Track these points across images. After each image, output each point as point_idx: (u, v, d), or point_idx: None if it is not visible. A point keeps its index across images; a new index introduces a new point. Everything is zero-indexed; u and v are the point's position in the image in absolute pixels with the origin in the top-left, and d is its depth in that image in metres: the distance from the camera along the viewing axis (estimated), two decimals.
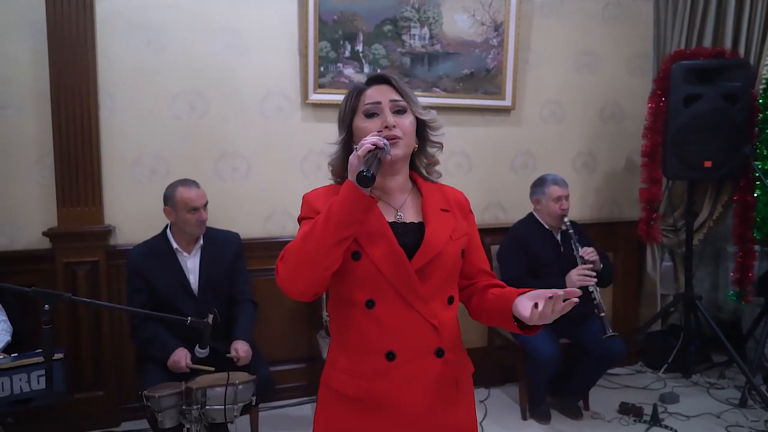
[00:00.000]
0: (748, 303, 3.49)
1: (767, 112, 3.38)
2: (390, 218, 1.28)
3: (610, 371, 3.49)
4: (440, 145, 1.37)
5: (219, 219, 2.87)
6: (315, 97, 3.09)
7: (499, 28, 3.36)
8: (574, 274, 2.71)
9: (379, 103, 1.27)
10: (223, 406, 1.98)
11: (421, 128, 1.33)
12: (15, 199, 2.78)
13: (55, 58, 2.70)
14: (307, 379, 3.19)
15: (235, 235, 2.70)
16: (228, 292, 2.60)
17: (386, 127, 1.23)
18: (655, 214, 3.53)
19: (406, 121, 1.27)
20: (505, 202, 3.56)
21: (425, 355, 1.25)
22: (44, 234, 2.76)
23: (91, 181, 2.80)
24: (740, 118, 3.21)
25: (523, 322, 1.19)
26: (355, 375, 1.25)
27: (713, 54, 3.32)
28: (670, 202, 3.64)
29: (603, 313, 2.69)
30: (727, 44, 3.42)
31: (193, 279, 2.52)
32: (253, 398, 2.11)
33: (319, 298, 2.95)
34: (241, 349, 2.40)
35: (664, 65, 3.36)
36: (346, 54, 3.12)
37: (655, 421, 2.93)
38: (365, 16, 3.12)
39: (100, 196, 2.84)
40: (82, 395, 2.81)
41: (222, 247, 2.59)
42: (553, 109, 3.62)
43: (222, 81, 2.99)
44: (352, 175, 1.12)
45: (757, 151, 3.37)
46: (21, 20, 2.70)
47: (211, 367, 2.23)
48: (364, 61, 3.15)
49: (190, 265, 2.53)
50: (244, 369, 2.31)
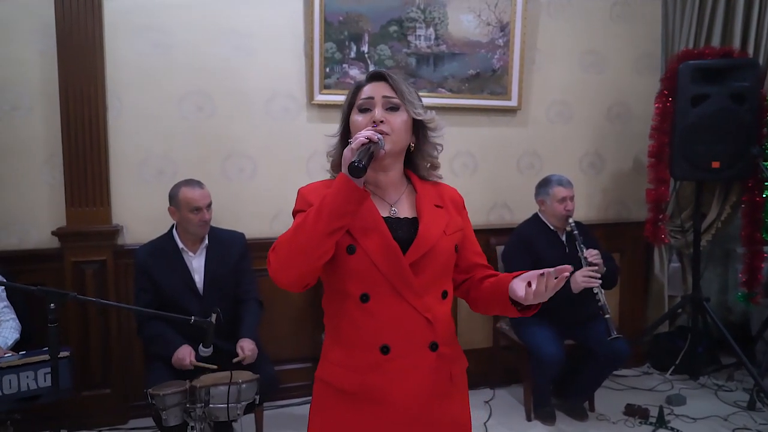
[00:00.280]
0: (757, 304, 3.46)
1: None
2: (384, 213, 1.29)
3: (616, 373, 3.47)
4: (440, 147, 1.38)
5: (225, 219, 2.90)
6: (321, 98, 3.11)
7: (505, 29, 3.36)
8: (578, 276, 2.69)
9: (372, 99, 1.29)
10: (227, 405, 2.00)
11: (419, 128, 1.34)
12: (25, 199, 2.82)
13: (64, 61, 2.74)
14: (311, 379, 3.14)
15: (241, 235, 2.72)
16: (233, 291, 2.62)
17: (374, 122, 1.25)
18: (662, 215, 3.50)
19: (398, 119, 1.28)
20: (511, 203, 3.55)
21: (419, 348, 1.26)
22: (53, 233, 2.80)
23: (99, 182, 2.84)
24: (748, 119, 3.17)
25: (521, 304, 1.22)
26: (350, 368, 1.27)
27: (721, 54, 3.29)
28: (677, 203, 3.61)
29: (608, 315, 2.67)
30: (736, 44, 3.39)
31: (199, 278, 2.54)
32: (257, 397, 2.14)
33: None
34: (246, 347, 2.41)
35: (671, 65, 3.33)
36: (352, 55, 3.13)
37: (661, 423, 2.91)
38: (371, 17, 3.13)
39: (108, 196, 2.88)
40: (90, 393, 2.85)
41: (227, 247, 2.61)
42: (559, 109, 3.61)
43: (228, 82, 3.01)
44: (345, 167, 1.14)
45: (766, 151, 3.33)
46: (30, 23, 2.75)
47: (215, 365, 2.25)
48: (369, 62, 3.16)
49: (196, 264, 2.55)
50: (248, 368, 2.33)
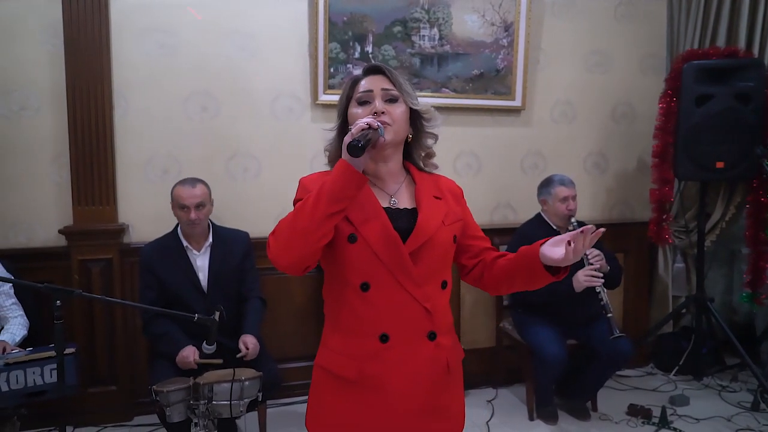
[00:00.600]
0: (761, 305, 3.44)
1: None
2: (384, 204, 1.32)
3: (619, 373, 3.47)
4: (435, 137, 1.40)
5: (230, 218, 2.92)
6: (325, 98, 3.12)
7: (509, 29, 3.36)
8: (581, 275, 2.70)
9: (371, 91, 1.31)
10: (229, 402, 2.02)
11: (416, 119, 1.36)
12: (32, 198, 2.86)
13: (71, 61, 2.78)
14: (311, 379, 3.21)
15: (245, 234, 2.74)
16: (237, 289, 2.64)
17: (375, 113, 1.27)
18: (666, 215, 3.49)
19: (397, 110, 1.30)
20: (515, 203, 3.56)
21: (418, 338, 1.28)
22: (60, 232, 2.84)
23: (106, 181, 2.87)
24: (753, 119, 3.16)
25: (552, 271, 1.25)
26: (349, 356, 1.29)
27: (726, 54, 3.28)
28: (681, 203, 3.60)
29: (610, 314, 2.68)
30: (741, 44, 3.38)
31: (203, 276, 2.56)
32: (259, 394, 2.15)
33: None
34: (249, 342, 2.43)
35: (676, 65, 3.33)
36: (356, 55, 3.15)
37: (664, 423, 2.90)
38: (375, 17, 3.15)
39: (114, 195, 2.91)
40: (96, 389, 2.89)
41: (231, 246, 2.63)
42: (563, 110, 3.61)
43: (233, 83, 3.04)
44: (344, 151, 1.15)
45: None
46: (38, 24, 2.78)
47: (219, 359, 2.27)
48: (373, 62, 3.16)
49: (200, 262, 2.58)
50: (251, 365, 2.35)
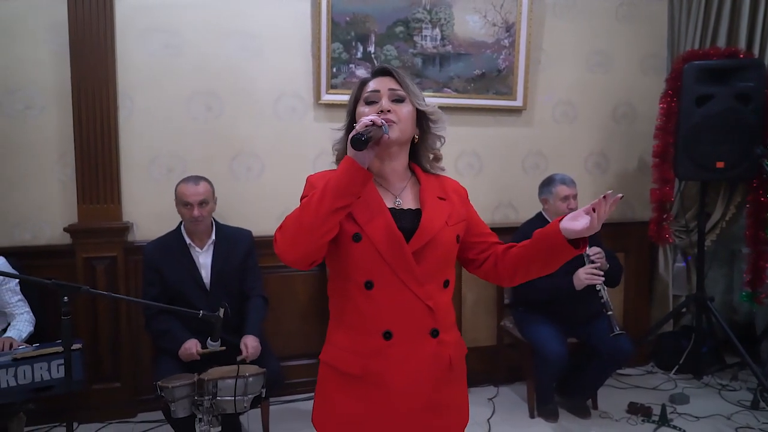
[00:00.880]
0: (761, 304, 3.46)
1: None
2: (389, 204, 1.34)
3: (620, 371, 3.49)
4: (442, 138, 1.42)
5: (232, 217, 2.94)
6: (327, 98, 3.15)
7: (510, 29, 3.38)
8: (581, 273, 2.72)
9: (378, 92, 1.34)
10: (233, 398, 2.04)
11: (423, 120, 1.38)
12: (38, 196, 2.88)
13: (76, 61, 2.80)
14: (317, 375, 3.23)
15: (248, 233, 2.76)
16: (239, 287, 2.66)
17: (381, 111, 1.29)
18: (666, 214, 3.51)
19: (404, 109, 1.33)
20: (516, 202, 3.58)
21: (421, 335, 1.30)
22: (65, 230, 2.86)
23: (110, 179, 2.89)
24: (753, 119, 3.18)
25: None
26: (353, 353, 1.31)
27: (727, 54, 3.29)
28: (682, 203, 3.62)
29: (610, 312, 2.70)
30: (742, 44, 3.40)
31: (205, 274, 2.58)
32: (263, 391, 2.17)
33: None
34: (250, 345, 2.44)
35: (677, 65, 3.34)
36: (358, 55, 3.17)
37: (664, 421, 2.92)
38: (377, 17, 3.17)
39: (119, 194, 2.93)
40: (100, 386, 2.91)
41: (234, 244, 2.66)
42: (564, 110, 3.63)
43: (237, 82, 3.06)
44: (348, 147, 1.18)
45: None
46: (43, 24, 2.81)
47: (223, 347, 2.24)
48: (376, 62, 3.19)
49: (203, 260, 2.60)
50: (254, 363, 2.37)
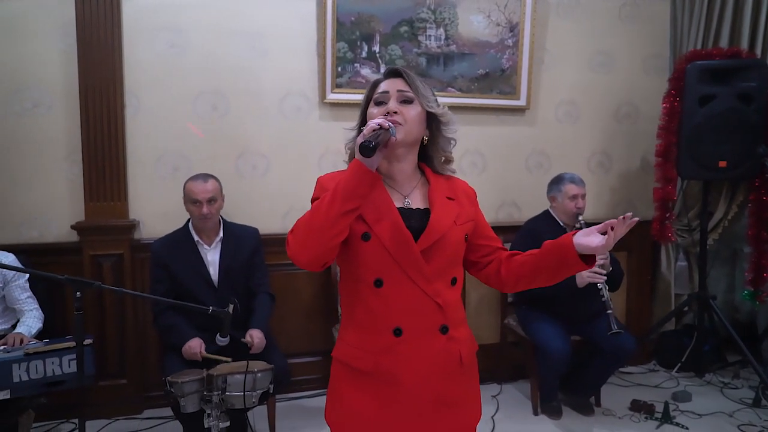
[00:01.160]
0: (763, 303, 3.48)
1: None
2: (398, 204, 1.36)
3: (622, 369, 3.51)
4: (453, 141, 1.43)
5: (238, 215, 2.96)
6: (332, 97, 3.17)
7: (514, 29, 3.41)
8: (584, 272, 2.74)
9: (387, 93, 1.36)
10: (243, 393, 2.06)
11: (433, 121, 1.40)
12: (45, 194, 2.90)
13: (84, 60, 2.83)
14: (322, 372, 3.25)
15: (254, 230, 2.78)
16: (246, 284, 2.68)
17: (388, 113, 1.32)
18: (669, 213, 3.53)
19: (411, 111, 1.34)
20: (519, 201, 3.60)
21: (431, 331, 1.33)
22: (72, 227, 2.89)
23: (117, 177, 2.91)
24: (755, 119, 3.20)
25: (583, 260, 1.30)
26: (365, 350, 1.33)
27: (729, 54, 3.31)
28: (684, 202, 3.64)
29: (610, 310, 2.74)
30: (744, 44, 3.42)
31: (213, 270, 2.60)
32: (271, 386, 2.19)
33: (334, 292, 3.02)
34: (255, 335, 2.47)
35: (679, 65, 3.36)
36: (363, 54, 3.19)
37: (666, 418, 2.94)
38: (382, 17, 3.19)
39: (125, 192, 2.95)
40: (106, 383, 2.93)
41: (241, 241, 2.68)
42: (567, 109, 3.65)
43: (242, 82, 3.08)
44: (356, 151, 1.20)
45: None
46: (51, 23, 2.83)
47: (228, 358, 2.32)
48: (380, 62, 3.22)
49: (210, 257, 2.62)
50: (261, 359, 2.38)
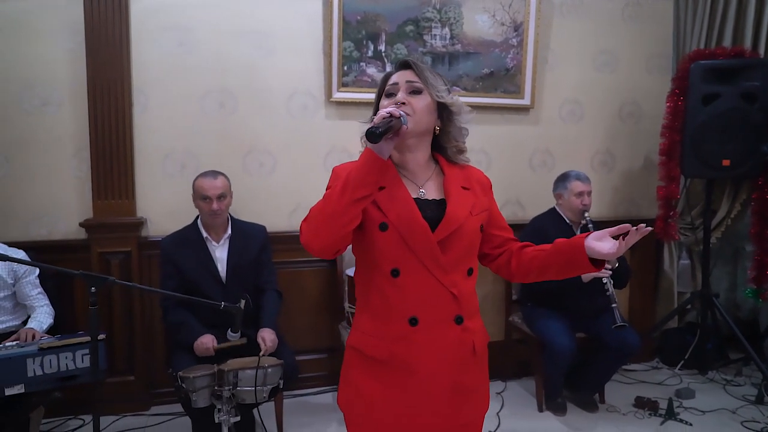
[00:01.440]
0: (765, 301, 3.50)
1: None
2: (414, 195, 1.37)
3: (626, 367, 3.53)
4: (465, 130, 1.45)
5: (245, 212, 2.98)
6: (338, 96, 3.19)
7: (518, 28, 3.43)
8: None
9: (397, 84, 1.38)
10: (254, 388, 2.08)
11: (443, 111, 1.41)
12: (54, 192, 2.92)
13: (92, 58, 2.84)
14: (328, 369, 3.28)
15: (262, 228, 2.79)
16: (253, 281, 2.69)
17: (397, 104, 1.33)
18: (673, 212, 3.55)
19: (420, 101, 1.36)
20: (524, 200, 3.62)
21: (445, 321, 1.34)
22: (80, 225, 2.90)
23: (125, 175, 2.93)
24: (759, 118, 3.22)
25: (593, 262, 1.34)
26: (380, 338, 1.35)
27: (732, 54, 3.34)
28: (687, 201, 3.66)
29: (614, 304, 2.78)
30: (747, 44, 3.44)
31: (221, 267, 2.62)
32: (281, 381, 2.21)
33: (342, 292, 3.04)
34: (268, 338, 2.47)
35: (683, 65, 3.39)
36: (369, 53, 3.21)
37: (671, 415, 2.97)
38: (388, 16, 3.21)
39: (133, 190, 2.97)
40: (114, 379, 2.94)
41: (249, 239, 2.69)
42: (571, 108, 3.67)
43: (250, 80, 3.10)
44: (365, 138, 1.22)
45: None
46: (60, 22, 2.85)
47: (243, 339, 2.28)
48: (386, 61, 3.24)
49: (219, 254, 2.63)
50: (271, 355, 2.41)
